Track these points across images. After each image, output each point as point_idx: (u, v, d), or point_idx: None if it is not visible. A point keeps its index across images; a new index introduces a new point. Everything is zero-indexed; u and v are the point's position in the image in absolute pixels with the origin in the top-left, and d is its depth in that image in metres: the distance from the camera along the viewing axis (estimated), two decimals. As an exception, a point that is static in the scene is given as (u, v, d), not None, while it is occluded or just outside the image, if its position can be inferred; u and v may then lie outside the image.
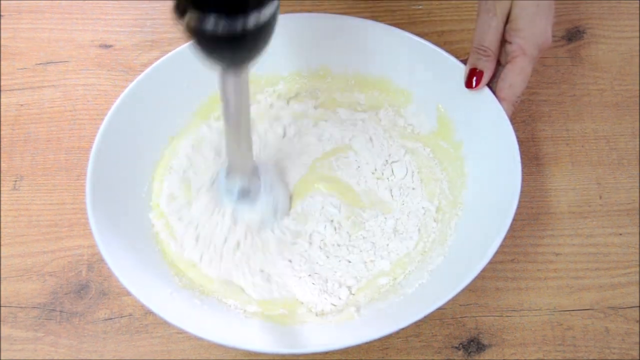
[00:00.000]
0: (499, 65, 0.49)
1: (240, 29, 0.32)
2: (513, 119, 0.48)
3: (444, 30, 0.61)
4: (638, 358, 0.47)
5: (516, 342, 0.48)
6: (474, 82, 0.48)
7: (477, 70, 0.48)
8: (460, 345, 0.48)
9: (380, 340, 0.46)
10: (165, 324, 0.41)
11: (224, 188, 0.48)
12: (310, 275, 0.48)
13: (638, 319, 0.49)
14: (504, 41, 0.48)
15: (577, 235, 0.52)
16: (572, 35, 0.61)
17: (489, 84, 0.49)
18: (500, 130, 0.48)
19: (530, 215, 0.52)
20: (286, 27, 0.52)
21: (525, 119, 0.57)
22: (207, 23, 0.32)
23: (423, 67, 0.52)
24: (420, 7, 0.62)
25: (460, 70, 0.50)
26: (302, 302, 0.47)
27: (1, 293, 0.50)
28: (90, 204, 0.44)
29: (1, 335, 0.48)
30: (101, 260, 0.43)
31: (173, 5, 0.32)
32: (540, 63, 0.59)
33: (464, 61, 0.50)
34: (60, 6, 0.63)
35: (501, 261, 0.50)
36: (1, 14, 0.63)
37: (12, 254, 0.51)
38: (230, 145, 0.45)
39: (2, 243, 0.51)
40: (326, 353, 0.47)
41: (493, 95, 0.48)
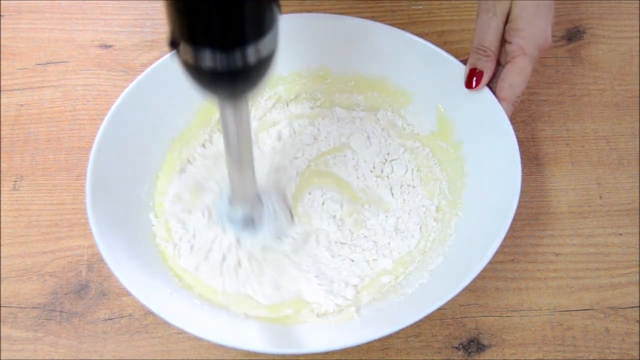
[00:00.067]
0: (499, 65, 0.49)
1: (236, 63, 0.31)
2: (513, 119, 0.48)
3: (444, 30, 0.61)
4: (638, 358, 0.47)
5: (516, 342, 0.48)
6: (474, 82, 0.48)
7: (477, 71, 0.48)
8: (460, 346, 0.48)
9: (380, 340, 0.46)
10: (165, 324, 0.41)
11: (226, 215, 0.48)
12: (317, 276, 0.48)
13: (638, 319, 0.49)
14: (503, 41, 0.48)
15: (577, 235, 0.52)
16: (572, 35, 0.61)
17: (489, 84, 0.49)
18: (500, 130, 0.48)
19: (530, 215, 0.52)
20: (286, 27, 0.52)
21: (525, 119, 0.57)
22: (202, 58, 0.31)
23: (423, 67, 0.52)
24: (420, 7, 0.63)
25: (460, 70, 0.50)
26: (308, 302, 0.47)
27: (1, 293, 0.50)
28: (90, 204, 0.44)
29: (1, 335, 0.48)
30: (101, 260, 0.43)
31: (169, 39, 0.31)
32: (540, 63, 0.59)
33: (464, 61, 0.50)
34: (60, 6, 0.63)
35: (501, 261, 0.51)
36: (1, 14, 0.63)
37: (12, 254, 0.51)
38: (233, 175, 0.44)
39: (2, 243, 0.51)
40: (326, 353, 0.47)
41: (493, 95, 0.48)
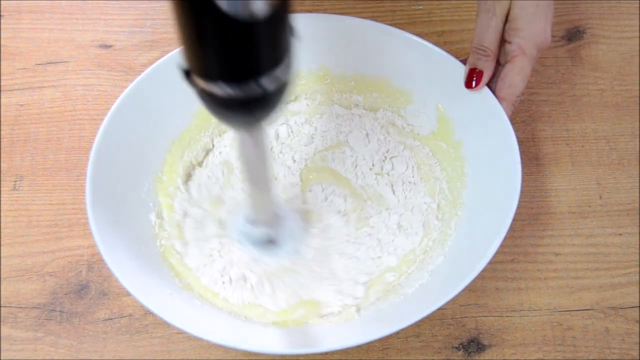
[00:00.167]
0: (499, 65, 0.49)
1: (249, 94, 0.30)
2: (513, 119, 0.48)
3: (444, 30, 0.61)
4: (638, 358, 0.47)
5: (516, 342, 0.48)
6: (474, 82, 0.48)
7: (477, 70, 0.48)
8: (460, 346, 0.48)
9: (380, 340, 0.46)
10: (165, 324, 0.41)
11: (244, 234, 0.49)
12: (327, 278, 0.48)
13: (638, 319, 0.49)
14: (503, 41, 0.48)
15: (577, 235, 0.52)
16: (572, 35, 0.61)
17: (488, 84, 0.49)
18: (500, 130, 0.48)
19: (530, 215, 0.52)
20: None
21: (525, 119, 0.57)
22: (216, 89, 0.30)
23: (423, 67, 0.52)
24: (420, 7, 0.63)
25: (460, 70, 0.50)
26: (319, 303, 0.46)
27: (1, 293, 0.50)
28: (90, 204, 0.44)
29: (1, 335, 0.48)
30: (101, 260, 0.43)
31: (182, 69, 0.31)
32: (540, 63, 0.59)
33: (464, 61, 0.50)
34: (60, 6, 0.63)
35: (501, 261, 0.50)
36: (1, 14, 0.63)
37: (12, 254, 0.51)
38: (253, 198, 0.44)
39: (2, 243, 0.51)
40: (326, 353, 0.47)
41: (493, 95, 0.48)
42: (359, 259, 0.49)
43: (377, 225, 0.50)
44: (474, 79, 0.48)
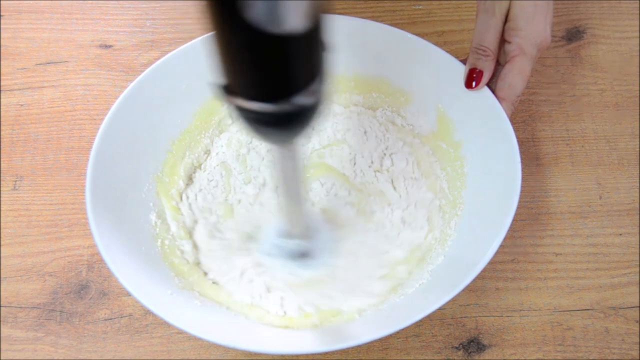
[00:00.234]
0: (499, 65, 0.49)
1: (287, 110, 0.30)
2: (513, 119, 0.48)
3: (444, 30, 0.61)
4: (638, 358, 0.47)
5: (516, 342, 0.48)
6: (474, 82, 0.48)
7: (477, 70, 0.48)
8: (460, 346, 0.48)
9: (380, 340, 0.46)
10: (165, 324, 0.41)
11: (277, 249, 0.49)
12: (355, 283, 0.48)
13: (638, 319, 0.49)
14: (503, 41, 0.48)
15: (577, 235, 0.52)
16: (572, 35, 0.61)
17: (488, 84, 0.49)
18: (500, 130, 0.48)
19: (530, 215, 0.52)
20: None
21: (525, 119, 0.57)
22: (253, 106, 0.30)
23: (423, 67, 0.52)
24: (420, 7, 0.63)
25: (460, 70, 0.50)
26: (342, 310, 0.46)
27: (1, 293, 0.50)
28: (90, 204, 0.44)
29: (1, 335, 0.48)
30: (101, 260, 0.43)
31: (219, 87, 0.31)
32: (540, 63, 0.59)
33: (464, 61, 0.50)
34: (60, 6, 0.63)
35: (501, 261, 0.50)
36: (1, 14, 0.63)
37: (12, 254, 0.51)
38: (290, 211, 0.44)
39: (2, 243, 0.51)
40: (326, 353, 0.47)
41: (493, 95, 0.48)
42: (369, 255, 0.49)
43: (382, 221, 0.50)
44: (474, 79, 0.48)
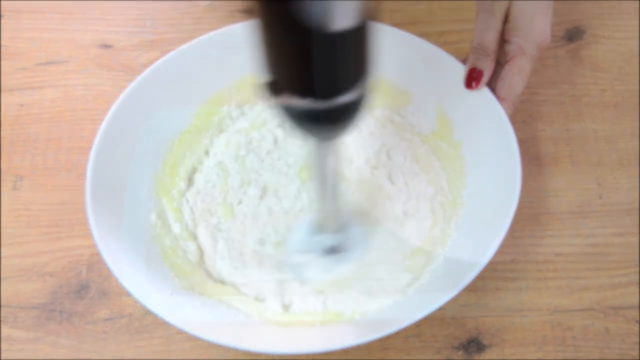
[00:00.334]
0: (498, 65, 0.49)
1: (336, 107, 0.30)
2: (513, 119, 0.48)
3: (444, 30, 0.61)
4: (638, 358, 0.47)
5: (516, 342, 0.48)
6: (474, 82, 0.48)
7: (477, 70, 0.48)
8: (460, 345, 0.48)
9: (380, 340, 0.46)
10: (165, 324, 0.41)
11: (308, 245, 0.49)
12: (384, 282, 0.48)
13: (638, 319, 0.49)
14: (503, 41, 0.48)
15: (577, 235, 0.52)
16: (572, 35, 0.61)
17: (488, 84, 0.49)
18: (500, 130, 0.48)
19: (530, 215, 0.52)
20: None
21: (525, 119, 0.57)
22: (303, 103, 0.30)
23: (423, 67, 0.52)
24: (420, 7, 0.62)
25: (460, 70, 0.50)
26: (366, 311, 0.46)
27: (1, 293, 0.50)
28: (90, 204, 0.44)
29: (1, 335, 0.48)
30: (101, 260, 0.43)
31: (266, 84, 0.31)
32: (540, 63, 0.59)
33: (464, 61, 0.50)
34: (60, 6, 0.63)
35: (501, 261, 0.50)
36: (1, 14, 0.63)
37: (12, 254, 0.51)
38: (325, 207, 0.44)
39: (2, 243, 0.51)
40: (326, 353, 0.47)
41: (493, 95, 0.48)
42: (385, 252, 0.49)
43: (384, 214, 0.50)
44: (474, 79, 0.48)
